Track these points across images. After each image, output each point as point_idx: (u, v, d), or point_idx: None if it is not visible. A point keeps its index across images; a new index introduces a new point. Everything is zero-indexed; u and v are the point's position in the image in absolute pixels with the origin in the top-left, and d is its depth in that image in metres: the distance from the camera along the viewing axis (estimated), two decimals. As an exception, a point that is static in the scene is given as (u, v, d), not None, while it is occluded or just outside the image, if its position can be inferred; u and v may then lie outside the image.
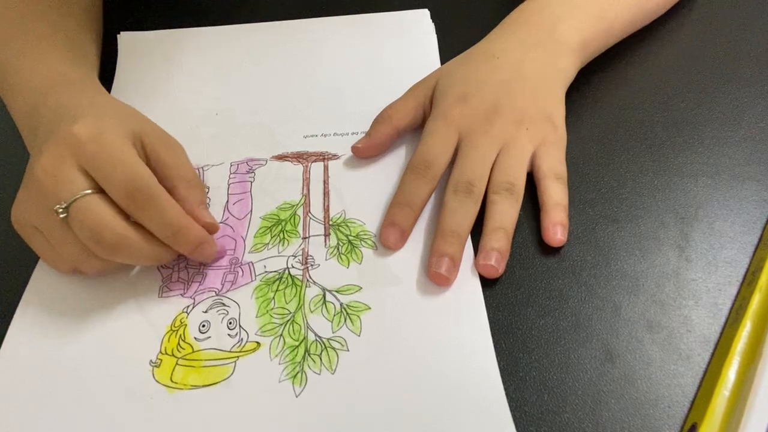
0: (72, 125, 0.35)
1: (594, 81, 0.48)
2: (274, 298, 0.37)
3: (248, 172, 0.44)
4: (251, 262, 0.39)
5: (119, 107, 0.39)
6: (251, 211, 0.42)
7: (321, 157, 0.44)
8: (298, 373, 0.34)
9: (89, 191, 0.34)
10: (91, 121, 0.35)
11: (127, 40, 0.53)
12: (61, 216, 0.34)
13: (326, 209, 0.41)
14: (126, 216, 0.35)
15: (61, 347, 0.36)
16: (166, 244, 0.36)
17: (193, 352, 0.35)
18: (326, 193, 0.42)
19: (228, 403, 0.33)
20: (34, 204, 0.35)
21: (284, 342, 0.35)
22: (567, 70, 0.45)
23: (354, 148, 0.44)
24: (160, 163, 0.37)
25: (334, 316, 0.36)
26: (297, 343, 0.35)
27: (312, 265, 0.39)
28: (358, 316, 0.36)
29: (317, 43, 0.53)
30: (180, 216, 0.36)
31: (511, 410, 0.32)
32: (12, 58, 0.42)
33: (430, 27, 0.53)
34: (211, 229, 0.38)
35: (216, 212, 0.42)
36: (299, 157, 0.45)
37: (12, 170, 0.45)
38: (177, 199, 0.37)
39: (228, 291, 0.38)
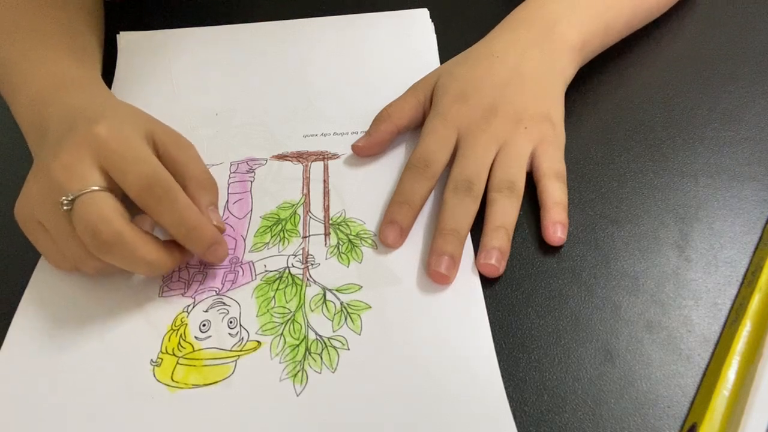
0: (93, 126, 0.35)
1: (594, 81, 0.48)
2: (274, 297, 0.37)
3: (248, 172, 0.44)
4: (251, 261, 0.39)
5: (131, 109, 0.40)
6: (251, 210, 0.42)
7: (321, 157, 0.44)
8: (298, 372, 0.34)
9: (97, 187, 0.34)
10: (111, 122, 0.36)
11: (126, 39, 0.53)
12: (65, 208, 0.34)
13: (326, 208, 0.41)
14: (130, 217, 0.35)
15: (61, 347, 0.36)
16: (165, 251, 0.35)
17: (194, 351, 0.35)
18: (326, 193, 0.42)
19: (229, 403, 0.33)
20: (42, 197, 0.35)
21: (285, 341, 0.35)
22: (566, 69, 0.45)
23: (354, 147, 0.44)
24: (172, 162, 0.38)
25: (335, 315, 0.36)
26: (297, 342, 0.35)
27: (312, 264, 0.39)
28: (358, 315, 0.36)
29: (317, 43, 0.53)
30: (195, 214, 0.36)
31: (511, 410, 0.32)
32: (17, 57, 0.42)
33: (429, 26, 0.53)
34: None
35: (216, 212, 0.42)
36: (299, 156, 0.45)
37: (12, 170, 0.45)
38: None
39: (228, 290, 0.38)
